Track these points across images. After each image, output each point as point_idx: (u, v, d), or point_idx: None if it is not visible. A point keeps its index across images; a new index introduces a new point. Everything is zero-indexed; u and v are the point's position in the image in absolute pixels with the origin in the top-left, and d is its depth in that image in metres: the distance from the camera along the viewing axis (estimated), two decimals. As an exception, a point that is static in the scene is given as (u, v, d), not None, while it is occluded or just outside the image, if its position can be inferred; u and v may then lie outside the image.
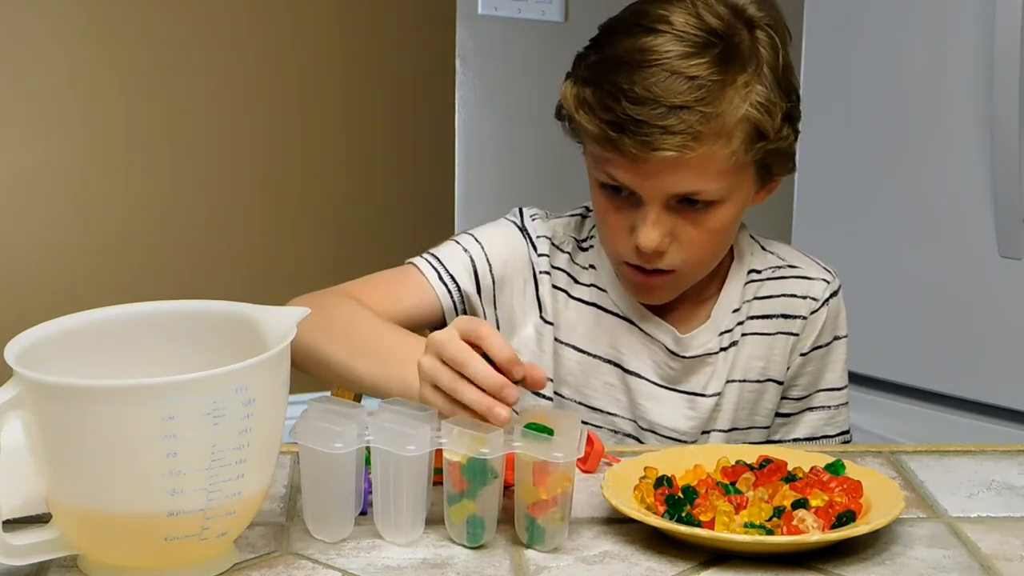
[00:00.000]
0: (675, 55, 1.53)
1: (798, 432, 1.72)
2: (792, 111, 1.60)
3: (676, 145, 1.51)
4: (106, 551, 1.25)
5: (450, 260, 1.66)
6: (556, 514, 1.31)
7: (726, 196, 1.57)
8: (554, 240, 1.69)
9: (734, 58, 1.55)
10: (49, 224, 3.42)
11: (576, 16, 3.28)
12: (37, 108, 3.38)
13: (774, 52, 1.58)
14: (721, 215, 1.58)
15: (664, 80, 1.52)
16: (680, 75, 1.52)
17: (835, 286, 1.71)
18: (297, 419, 1.33)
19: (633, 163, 1.54)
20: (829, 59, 2.55)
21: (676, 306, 1.68)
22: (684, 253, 1.59)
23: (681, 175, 1.54)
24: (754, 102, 1.55)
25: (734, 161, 1.55)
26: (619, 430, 1.69)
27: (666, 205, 1.56)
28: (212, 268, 3.53)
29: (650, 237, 1.56)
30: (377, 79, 3.59)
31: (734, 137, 1.54)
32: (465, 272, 1.65)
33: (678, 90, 1.52)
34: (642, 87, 1.52)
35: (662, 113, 1.51)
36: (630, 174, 1.55)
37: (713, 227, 1.58)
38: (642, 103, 1.52)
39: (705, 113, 1.52)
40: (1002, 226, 2.35)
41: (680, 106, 1.51)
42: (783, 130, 1.58)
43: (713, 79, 1.53)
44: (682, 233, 1.57)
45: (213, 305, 1.36)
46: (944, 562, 1.31)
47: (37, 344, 1.27)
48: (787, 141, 1.59)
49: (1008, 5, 2.25)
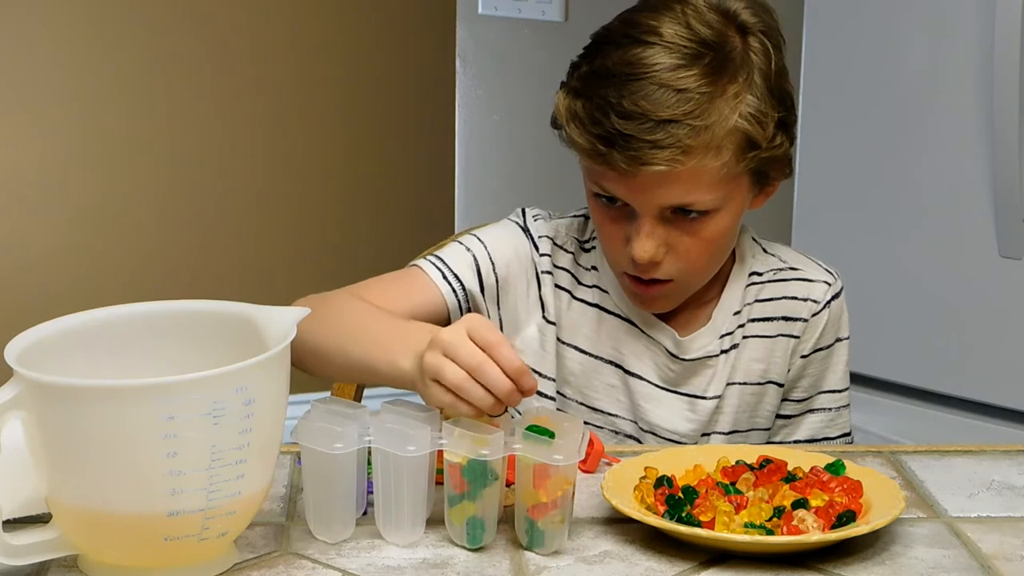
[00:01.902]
0: (664, 67, 1.52)
1: (799, 434, 1.71)
2: (786, 119, 1.58)
3: (665, 159, 1.50)
4: (106, 551, 1.25)
5: (453, 259, 1.66)
6: (556, 517, 1.31)
7: (720, 206, 1.56)
8: (556, 240, 1.69)
9: (724, 68, 1.54)
10: (49, 224, 3.42)
11: (576, 16, 3.28)
12: (37, 108, 3.38)
13: (767, 59, 1.57)
14: (716, 224, 1.57)
15: (653, 93, 1.51)
16: (669, 88, 1.51)
17: (837, 288, 1.71)
18: (299, 419, 1.33)
19: (624, 177, 1.53)
20: (829, 59, 2.55)
21: (677, 309, 1.67)
22: (681, 263, 1.58)
23: (672, 188, 1.53)
24: (744, 113, 1.53)
25: (726, 172, 1.54)
26: (620, 431, 1.69)
27: (660, 216, 1.56)
28: (212, 268, 3.53)
29: (644, 248, 1.55)
30: (377, 79, 3.59)
31: (724, 149, 1.53)
32: (469, 271, 1.65)
33: (667, 103, 1.51)
34: (630, 101, 1.51)
35: (650, 127, 1.50)
36: (622, 187, 1.55)
37: (709, 236, 1.57)
38: (631, 117, 1.51)
39: (694, 126, 1.50)
40: (1002, 226, 2.35)
41: (668, 120, 1.50)
42: (776, 138, 1.56)
43: (702, 91, 1.51)
44: (678, 243, 1.57)
45: (213, 305, 1.36)
46: (944, 562, 1.31)
47: (37, 344, 1.27)
48: (781, 149, 1.58)
49: (1008, 5, 2.25)
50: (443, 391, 1.34)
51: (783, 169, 1.62)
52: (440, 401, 1.34)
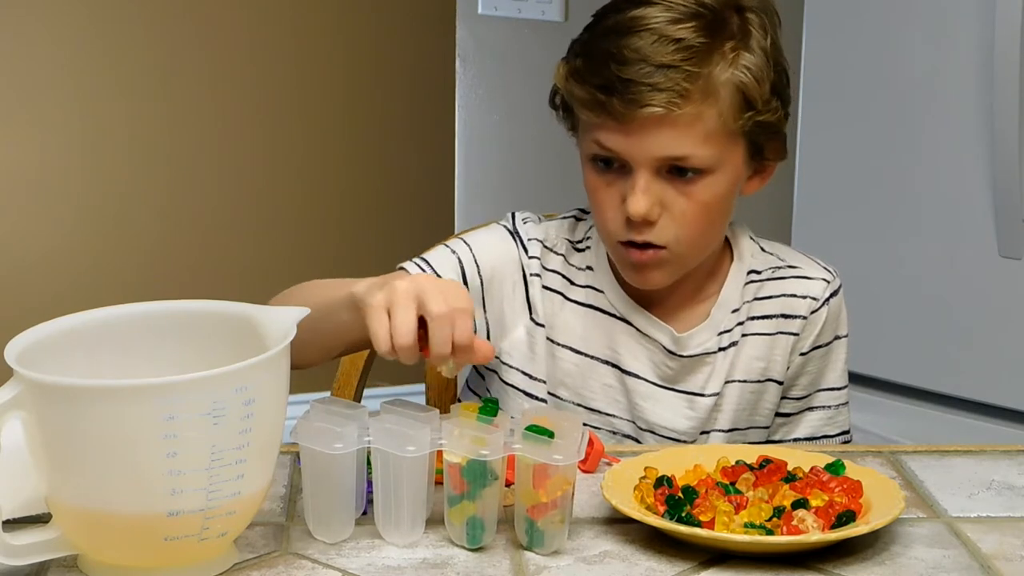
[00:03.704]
0: (663, 21, 1.56)
1: (798, 432, 1.72)
2: (781, 88, 1.62)
3: (663, 102, 1.53)
4: (106, 551, 1.25)
5: (438, 261, 1.66)
6: (556, 517, 1.31)
7: (715, 166, 1.58)
8: (546, 243, 1.70)
9: (722, 27, 1.58)
10: (49, 224, 3.42)
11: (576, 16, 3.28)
12: (37, 108, 3.38)
13: (763, 31, 1.60)
14: (711, 187, 1.58)
15: (652, 43, 1.55)
16: (667, 37, 1.55)
17: (835, 285, 1.71)
18: (299, 419, 1.33)
19: (621, 124, 1.56)
20: (829, 58, 2.55)
21: (675, 306, 1.68)
22: (676, 227, 1.59)
23: (669, 136, 1.55)
24: (741, 67, 1.57)
25: (722, 126, 1.56)
26: (617, 431, 1.69)
27: (655, 173, 1.57)
28: (212, 268, 3.53)
29: (639, 203, 1.57)
30: (377, 79, 3.59)
31: (721, 99, 1.56)
32: (453, 273, 1.66)
33: (665, 51, 1.55)
34: (630, 50, 1.55)
35: (649, 72, 1.54)
36: (618, 136, 1.57)
37: (703, 200, 1.58)
38: (630, 63, 1.55)
39: (691, 72, 1.54)
40: (1002, 226, 2.35)
41: (667, 65, 1.54)
42: (772, 102, 1.59)
43: (700, 41, 1.56)
44: (673, 204, 1.58)
45: (213, 305, 1.36)
46: (944, 562, 1.31)
47: (37, 344, 1.27)
48: (776, 115, 1.60)
49: (1008, 5, 2.25)
50: (382, 302, 1.35)
51: (778, 147, 1.64)
52: (374, 312, 1.36)
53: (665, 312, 1.68)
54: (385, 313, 1.36)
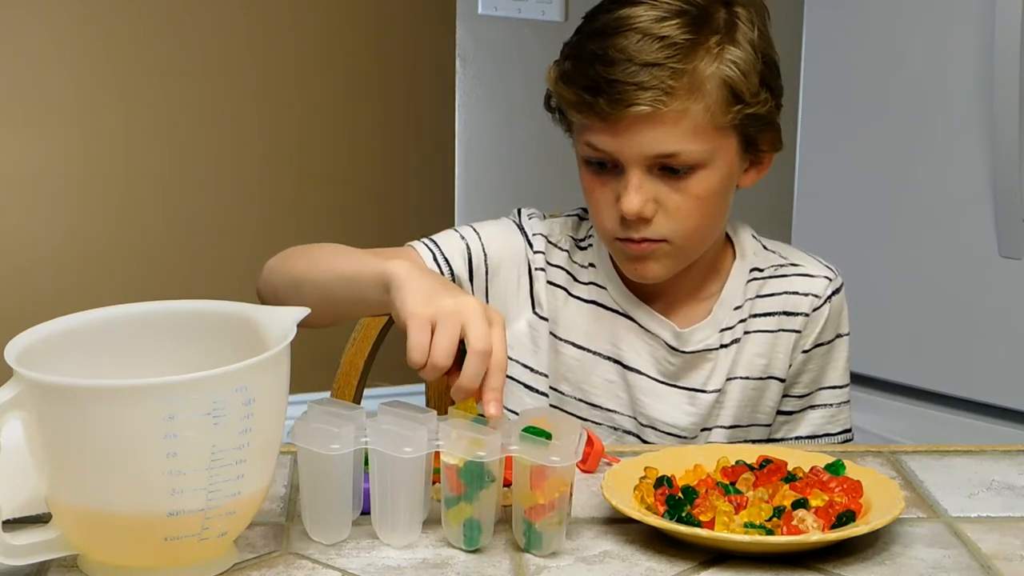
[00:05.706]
0: (649, 19, 1.56)
1: (800, 430, 1.72)
2: (771, 80, 1.61)
3: (649, 100, 1.54)
4: (106, 551, 1.25)
5: (447, 244, 1.68)
6: (554, 518, 1.30)
7: (706, 160, 1.58)
8: (550, 238, 1.70)
9: (708, 23, 1.58)
10: (49, 224, 3.42)
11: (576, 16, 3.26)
12: (37, 108, 3.38)
13: (750, 24, 1.60)
14: (704, 181, 1.59)
15: (637, 42, 1.56)
16: (652, 36, 1.56)
17: (837, 283, 1.71)
18: (296, 420, 1.33)
19: (610, 124, 1.56)
20: (829, 59, 2.55)
21: (677, 303, 1.68)
22: (672, 222, 1.59)
23: (657, 133, 1.56)
24: (727, 61, 1.57)
25: (710, 121, 1.57)
26: (619, 427, 1.69)
27: (648, 170, 1.58)
28: (212, 268, 3.53)
29: (632, 201, 1.57)
30: (377, 79, 3.59)
31: (707, 94, 1.56)
32: (460, 257, 1.67)
33: (649, 49, 1.55)
34: (615, 50, 1.56)
35: (634, 71, 1.55)
36: (608, 136, 1.57)
37: (697, 194, 1.59)
38: (615, 64, 1.55)
39: (676, 69, 1.54)
40: (1002, 226, 2.35)
41: (652, 63, 1.55)
42: (761, 94, 1.59)
43: (685, 38, 1.56)
44: (667, 200, 1.58)
45: (213, 305, 1.36)
46: (944, 562, 1.31)
47: (37, 344, 1.27)
48: (766, 107, 1.60)
49: (1008, 5, 2.25)
50: (427, 316, 1.35)
51: (772, 138, 1.64)
52: (417, 322, 1.35)
53: (667, 308, 1.68)
54: (429, 327, 1.35)
